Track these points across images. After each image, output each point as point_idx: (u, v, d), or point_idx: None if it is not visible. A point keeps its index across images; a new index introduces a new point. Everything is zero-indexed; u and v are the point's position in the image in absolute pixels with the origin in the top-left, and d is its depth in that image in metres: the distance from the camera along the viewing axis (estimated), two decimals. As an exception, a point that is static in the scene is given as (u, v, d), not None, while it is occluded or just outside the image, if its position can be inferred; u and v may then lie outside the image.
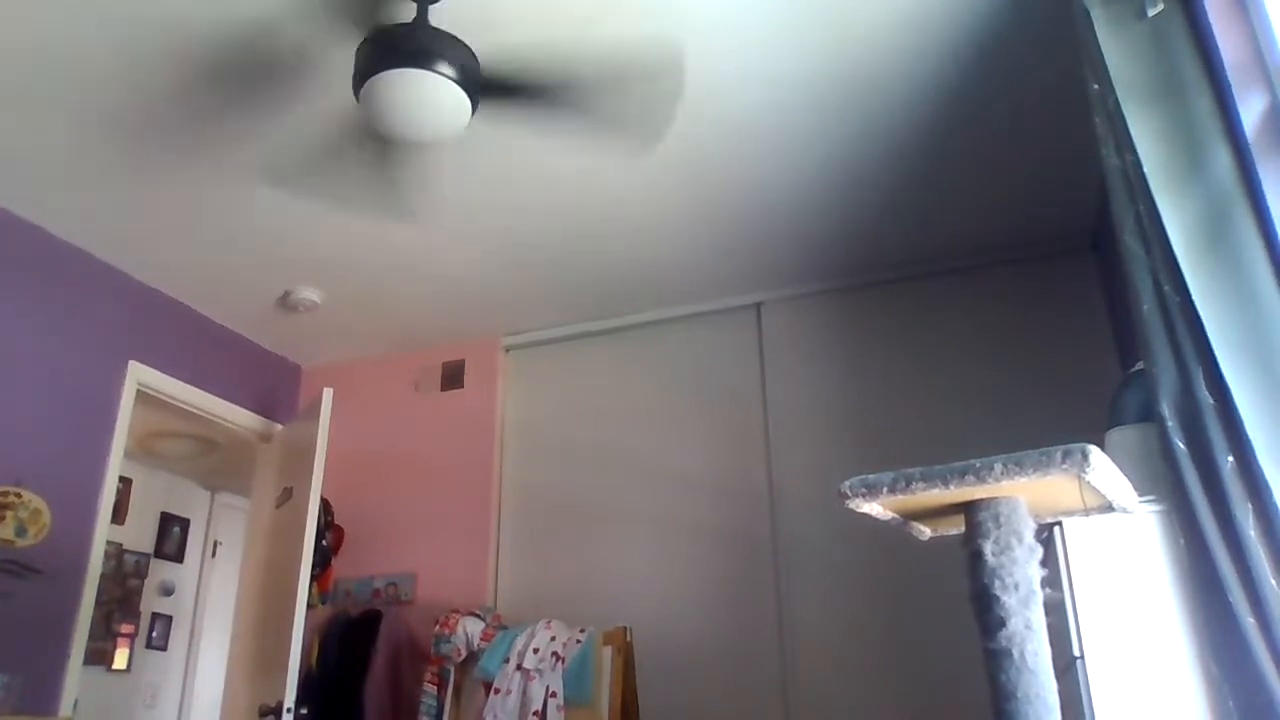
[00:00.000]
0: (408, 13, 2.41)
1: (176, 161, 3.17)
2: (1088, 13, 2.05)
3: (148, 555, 5.95)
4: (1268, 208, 1.72)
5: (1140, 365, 2.02)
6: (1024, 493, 1.25)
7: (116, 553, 5.65)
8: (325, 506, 4.16)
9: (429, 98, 2.30)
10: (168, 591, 6.05)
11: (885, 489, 1.28)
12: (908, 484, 1.26)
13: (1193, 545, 1.73)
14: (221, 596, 6.03)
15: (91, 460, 3.61)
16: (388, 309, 4.27)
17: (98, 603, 3.57)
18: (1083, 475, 1.17)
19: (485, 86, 2.46)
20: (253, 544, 4.37)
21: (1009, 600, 1.20)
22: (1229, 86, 1.82)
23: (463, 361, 4.56)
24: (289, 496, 3.99)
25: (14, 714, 3.12)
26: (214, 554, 6.39)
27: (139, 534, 5.90)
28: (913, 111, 2.96)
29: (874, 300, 3.98)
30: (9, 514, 3.23)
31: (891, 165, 3.23)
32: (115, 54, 2.66)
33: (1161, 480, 1.85)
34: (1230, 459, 1.66)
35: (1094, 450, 1.15)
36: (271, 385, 4.62)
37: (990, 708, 1.20)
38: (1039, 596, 1.21)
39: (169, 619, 6.03)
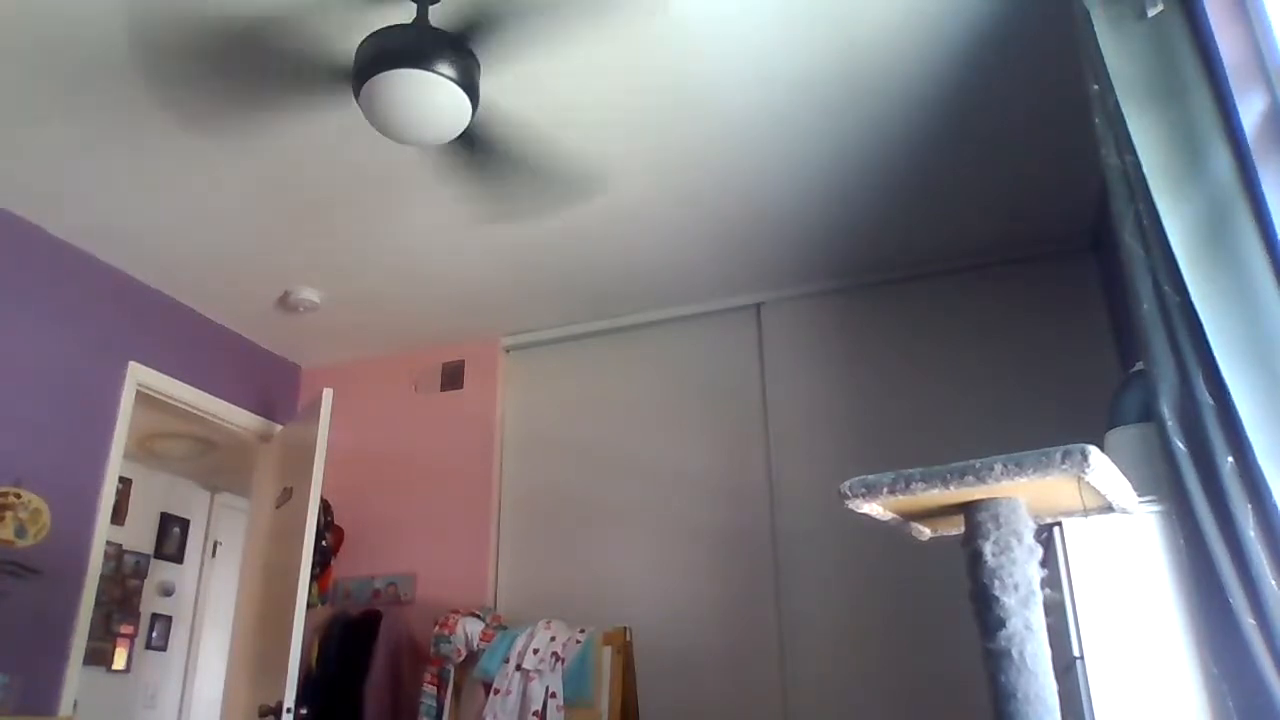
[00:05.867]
0: (408, 13, 2.41)
1: (176, 162, 3.17)
2: (1088, 13, 2.05)
3: (148, 555, 5.95)
4: (1268, 208, 1.72)
5: (1140, 365, 2.02)
6: (1024, 493, 1.25)
7: (116, 553, 5.65)
8: (325, 507, 4.16)
9: (429, 98, 2.30)
10: (167, 592, 6.05)
11: (885, 489, 1.28)
12: (907, 484, 1.26)
13: (1193, 545, 1.73)
14: (221, 596, 6.03)
15: (91, 460, 3.61)
16: (388, 309, 4.27)
17: (98, 603, 3.57)
18: (1082, 476, 1.17)
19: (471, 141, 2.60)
20: (253, 544, 4.37)
21: (1008, 601, 1.20)
22: (1229, 86, 1.82)
23: (462, 362, 4.56)
24: (289, 497, 3.99)
25: (14, 714, 3.12)
26: (214, 554, 6.39)
27: (139, 534, 5.90)
28: (913, 112, 2.96)
29: (874, 300, 3.98)
30: (9, 514, 3.23)
31: (892, 165, 3.23)
32: (116, 55, 2.66)
33: (1161, 480, 1.85)
34: (1230, 459, 1.66)
35: (1093, 451, 1.15)
36: (271, 385, 4.62)
37: (990, 708, 1.20)
38: (1039, 597, 1.21)
39: (169, 619, 6.03)
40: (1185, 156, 1.84)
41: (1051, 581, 1.51)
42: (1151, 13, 1.94)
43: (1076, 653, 1.92)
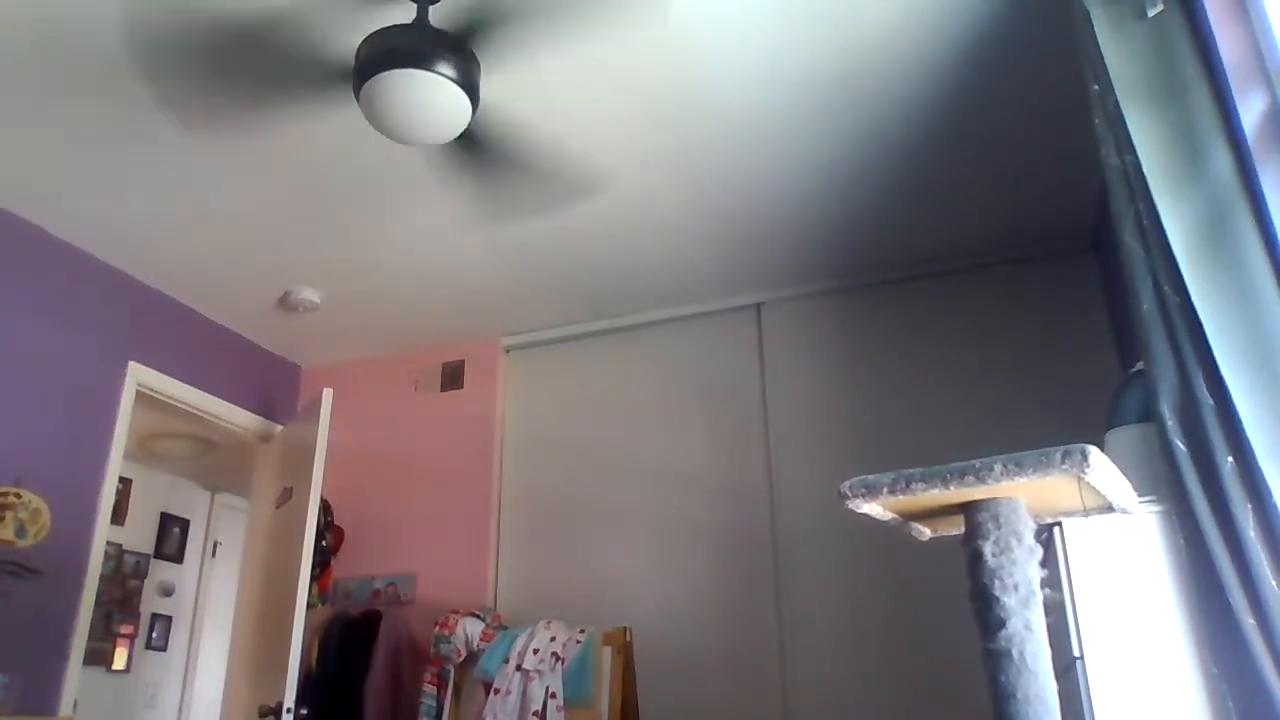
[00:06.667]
0: (408, 13, 2.41)
1: (177, 162, 3.17)
2: (1088, 13, 2.05)
3: (148, 555, 5.95)
4: (1268, 208, 1.72)
5: (1140, 365, 2.02)
6: (1023, 493, 1.25)
7: (116, 553, 5.65)
8: (325, 507, 4.16)
9: (429, 98, 2.30)
10: (167, 592, 6.05)
11: (885, 489, 1.28)
12: (907, 484, 1.26)
13: (1193, 545, 1.73)
14: (221, 596, 6.03)
15: (91, 460, 3.61)
16: (388, 309, 4.27)
17: (98, 603, 3.57)
18: (1082, 476, 1.17)
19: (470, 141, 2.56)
20: (253, 544, 4.37)
21: (1008, 601, 1.20)
22: (1229, 86, 1.82)
23: (462, 361, 4.56)
24: (289, 497, 3.99)
25: (14, 714, 3.12)
26: (214, 554, 6.39)
27: (139, 534, 5.90)
28: (913, 112, 2.96)
29: (874, 300, 3.98)
30: (9, 514, 3.23)
31: (892, 165, 3.23)
32: (116, 55, 2.66)
33: (1161, 480, 1.85)
34: (1230, 459, 1.66)
35: (1093, 450, 1.15)
36: (271, 385, 4.62)
37: (990, 708, 1.20)
38: (1039, 597, 1.21)
39: (169, 619, 6.03)
40: (1185, 156, 1.84)
41: (1051, 581, 1.51)
42: (1151, 13, 1.94)
43: (1076, 653, 1.92)
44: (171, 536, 6.14)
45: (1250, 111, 1.80)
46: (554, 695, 3.33)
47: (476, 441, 4.37)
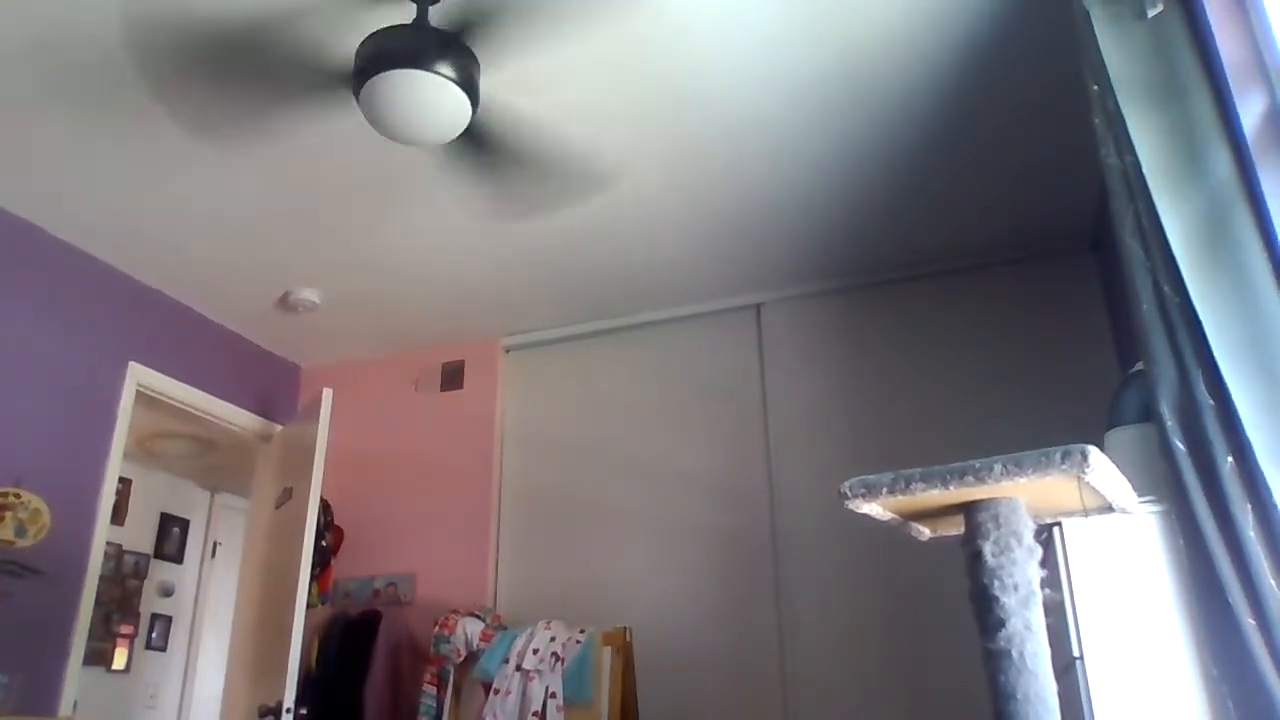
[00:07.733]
0: (408, 13, 2.41)
1: (176, 162, 3.17)
2: (1088, 13, 2.05)
3: (147, 556, 5.95)
4: (1267, 208, 1.72)
5: (1140, 366, 2.02)
6: (1023, 493, 1.25)
7: (116, 553, 5.65)
8: (325, 507, 4.16)
9: (429, 98, 2.30)
10: (167, 592, 6.05)
11: (885, 489, 1.28)
12: (907, 484, 1.26)
13: (1192, 546, 1.73)
14: (221, 597, 6.03)
15: (91, 460, 3.61)
16: (388, 309, 4.27)
17: (97, 603, 3.57)
18: (1082, 476, 1.17)
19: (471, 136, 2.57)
20: (252, 544, 4.37)
21: (1008, 601, 1.20)
22: (1229, 87, 1.82)
23: (462, 362, 4.56)
24: (289, 497, 3.99)
25: (14, 714, 3.12)
26: (213, 554, 6.39)
27: (139, 534, 5.90)
28: (913, 112, 2.96)
29: (874, 300, 3.98)
30: (9, 514, 3.23)
31: (892, 165, 3.23)
32: (115, 55, 2.66)
33: (1161, 481, 1.85)
34: (1230, 460, 1.66)
35: (1093, 451, 1.15)
36: (271, 385, 4.62)
37: (990, 708, 1.20)
38: (1038, 597, 1.21)
39: (168, 619, 6.03)
40: (1185, 156, 1.84)
41: (1051, 581, 1.51)
42: (1151, 13, 1.94)
43: (1076, 653, 1.92)
44: (171, 537, 6.14)
45: (1250, 111, 1.80)
46: (554, 695, 3.33)
47: (476, 441, 4.37)
